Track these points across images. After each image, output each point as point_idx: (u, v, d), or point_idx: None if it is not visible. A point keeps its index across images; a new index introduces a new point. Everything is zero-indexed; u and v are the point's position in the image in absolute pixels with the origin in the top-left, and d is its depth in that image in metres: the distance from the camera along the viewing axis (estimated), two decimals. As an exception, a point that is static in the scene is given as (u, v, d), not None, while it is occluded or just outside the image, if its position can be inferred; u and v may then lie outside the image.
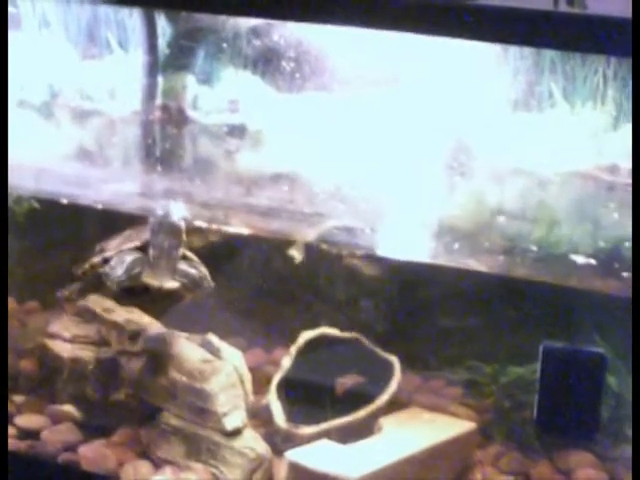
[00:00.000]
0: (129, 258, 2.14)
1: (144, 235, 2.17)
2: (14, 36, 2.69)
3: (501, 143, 2.32)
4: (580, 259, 1.93)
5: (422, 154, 2.36)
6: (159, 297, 2.20)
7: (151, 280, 2.13)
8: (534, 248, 1.98)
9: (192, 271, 2.15)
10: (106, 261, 2.16)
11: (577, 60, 2.27)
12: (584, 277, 1.92)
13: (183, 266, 2.15)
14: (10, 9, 2.70)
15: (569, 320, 2.08)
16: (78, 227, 2.49)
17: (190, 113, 2.60)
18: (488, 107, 2.33)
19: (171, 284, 2.14)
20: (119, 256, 2.15)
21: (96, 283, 2.22)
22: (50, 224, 2.49)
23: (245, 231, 2.21)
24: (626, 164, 2.17)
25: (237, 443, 2.02)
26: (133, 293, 2.20)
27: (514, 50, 2.27)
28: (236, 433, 2.03)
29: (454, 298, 2.26)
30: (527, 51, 2.27)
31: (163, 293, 2.17)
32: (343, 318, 2.30)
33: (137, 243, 2.16)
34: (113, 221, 2.29)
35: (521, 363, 2.16)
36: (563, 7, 2.31)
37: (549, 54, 2.27)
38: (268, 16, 2.17)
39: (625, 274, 1.82)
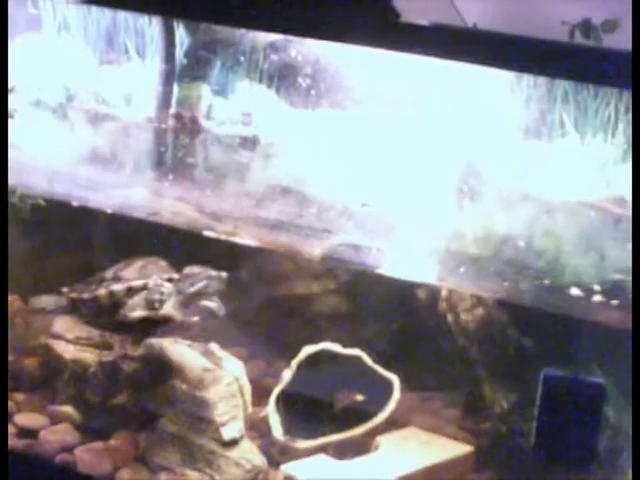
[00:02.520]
0: (164, 289, 2.13)
1: (161, 268, 2.19)
2: (34, 37, 2.72)
3: (511, 170, 2.34)
4: (584, 290, 1.93)
5: (432, 176, 2.37)
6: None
7: (176, 314, 2.14)
8: (539, 276, 1.99)
9: (212, 304, 2.16)
10: (130, 290, 2.16)
11: (590, 91, 2.28)
12: (587, 308, 1.93)
13: (204, 301, 2.16)
14: (31, 10, 2.73)
15: (570, 350, 2.08)
16: (86, 229, 2.49)
17: (203, 123, 2.61)
18: (500, 133, 2.35)
19: (193, 320, 2.17)
20: (154, 287, 2.13)
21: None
22: (58, 224, 2.49)
23: (253, 243, 2.22)
24: (634, 197, 2.18)
25: (234, 453, 2.02)
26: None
27: (528, 78, 2.29)
28: (233, 443, 2.03)
29: (457, 321, 2.26)
30: (541, 80, 2.29)
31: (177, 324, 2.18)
32: (346, 334, 2.30)
33: (175, 276, 2.16)
34: (121, 226, 2.30)
35: (520, 389, 2.17)
36: (578, 39, 2.33)
37: (562, 84, 2.29)
38: (287, 32, 2.19)
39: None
